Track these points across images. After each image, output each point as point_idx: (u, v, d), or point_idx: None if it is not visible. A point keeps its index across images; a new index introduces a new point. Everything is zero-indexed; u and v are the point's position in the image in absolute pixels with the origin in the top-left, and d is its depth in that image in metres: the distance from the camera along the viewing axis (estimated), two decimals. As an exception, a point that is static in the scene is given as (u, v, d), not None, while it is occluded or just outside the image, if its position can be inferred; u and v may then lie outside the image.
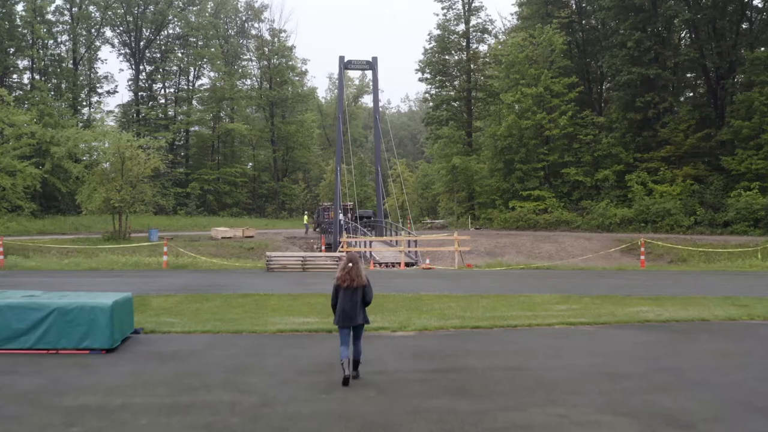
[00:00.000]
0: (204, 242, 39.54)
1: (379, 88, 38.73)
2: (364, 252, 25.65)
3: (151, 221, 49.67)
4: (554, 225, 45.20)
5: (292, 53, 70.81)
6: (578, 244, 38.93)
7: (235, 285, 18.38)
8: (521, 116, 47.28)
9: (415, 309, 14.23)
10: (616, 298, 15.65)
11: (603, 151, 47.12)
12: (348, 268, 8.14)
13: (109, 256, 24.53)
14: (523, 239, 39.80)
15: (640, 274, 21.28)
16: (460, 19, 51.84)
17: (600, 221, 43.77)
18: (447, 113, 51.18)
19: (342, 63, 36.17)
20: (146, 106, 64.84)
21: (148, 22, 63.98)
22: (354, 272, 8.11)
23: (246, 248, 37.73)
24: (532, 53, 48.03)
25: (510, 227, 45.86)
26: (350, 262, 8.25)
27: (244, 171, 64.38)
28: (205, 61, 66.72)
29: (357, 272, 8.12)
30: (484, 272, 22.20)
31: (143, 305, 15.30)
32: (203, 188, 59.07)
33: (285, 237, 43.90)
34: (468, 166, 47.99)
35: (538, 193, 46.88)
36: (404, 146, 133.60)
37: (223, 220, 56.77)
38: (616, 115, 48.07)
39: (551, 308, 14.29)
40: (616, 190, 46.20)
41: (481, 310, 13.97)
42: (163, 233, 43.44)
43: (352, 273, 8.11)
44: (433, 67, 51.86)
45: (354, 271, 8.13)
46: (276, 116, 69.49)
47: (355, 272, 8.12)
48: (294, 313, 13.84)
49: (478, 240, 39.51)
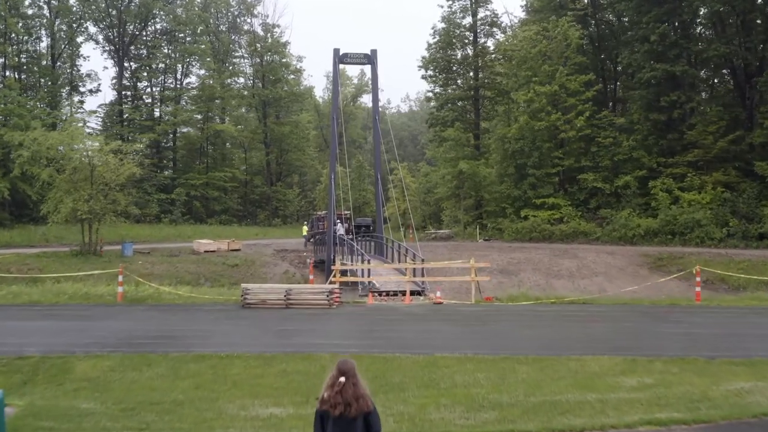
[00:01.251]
0: (184, 257, 35.57)
1: (378, 86, 34.58)
2: (362, 283, 21.60)
3: (131, 231, 45.64)
4: (571, 237, 41.24)
5: (286, 50, 66.71)
6: (601, 260, 35.00)
7: (195, 334, 14.41)
8: (534, 117, 43.33)
9: (431, 386, 10.29)
10: (697, 363, 11.63)
11: (623, 155, 43.12)
12: (340, 386, 4.89)
13: (56, 285, 20.53)
14: (540, 254, 35.83)
15: (702, 314, 17.29)
16: (467, 11, 47.77)
17: (622, 233, 39.78)
18: (452, 113, 46.98)
19: (337, 56, 31.93)
20: (130, 105, 60.72)
21: (132, 16, 59.76)
22: (349, 393, 4.88)
23: (230, 265, 33.72)
24: (545, 48, 44.07)
25: (522, 239, 41.89)
26: (343, 375, 4.96)
27: (234, 175, 60.09)
28: (194, 59, 62.59)
29: (355, 392, 4.90)
30: (508, 309, 18.20)
31: (63, 373, 11.44)
32: (189, 194, 54.94)
33: (275, 250, 39.95)
34: (476, 171, 44.01)
35: (552, 201, 42.91)
36: (405, 147, 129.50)
37: (210, 228, 52.81)
38: (638, 115, 44.04)
39: (617, 384, 10.32)
40: (638, 198, 42.21)
41: (521, 388, 10.00)
42: (141, 245, 39.45)
43: (347, 394, 4.88)
44: (437, 64, 47.74)
45: (349, 390, 4.89)
46: (269, 116, 65.36)
47: (352, 393, 4.89)
48: (261, 395, 9.93)
49: (489, 254, 35.54)
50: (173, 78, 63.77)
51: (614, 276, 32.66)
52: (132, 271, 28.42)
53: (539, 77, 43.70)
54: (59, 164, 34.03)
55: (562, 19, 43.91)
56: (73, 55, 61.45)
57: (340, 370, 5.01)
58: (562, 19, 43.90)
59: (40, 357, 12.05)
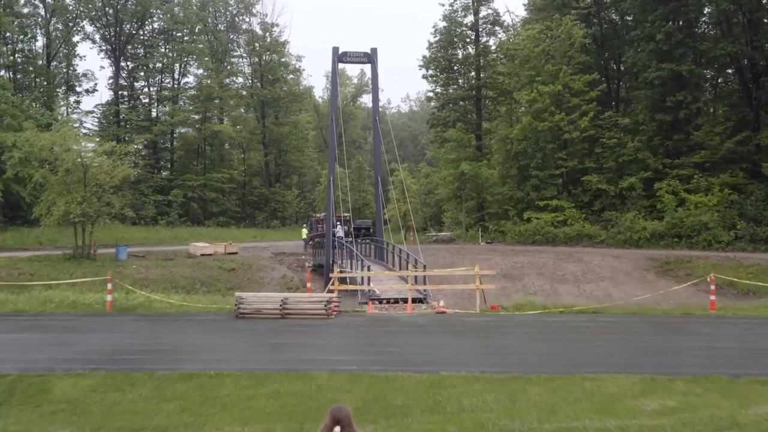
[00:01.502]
0: (180, 260, 34.78)
1: (379, 86, 33.74)
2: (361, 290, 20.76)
3: (126, 234, 44.90)
4: (575, 239, 40.46)
5: (285, 49, 65.89)
6: (606, 264, 34.21)
7: (184, 349, 13.58)
8: (537, 117, 42.53)
9: (436, 410, 9.48)
10: (721, 382, 10.81)
11: (628, 156, 42.32)
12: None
13: (43, 293, 19.71)
14: (543, 257, 35.03)
15: (718, 324, 16.48)
16: (469, 9, 46.94)
17: (627, 236, 38.99)
18: (454, 114, 46.12)
19: (336, 55, 31.06)
20: (127, 105, 59.88)
21: (129, 15, 58.89)
22: None
23: (226, 269, 32.92)
24: (549, 47, 43.27)
25: (525, 242, 41.11)
26: (337, 424, 4.39)
27: (232, 176, 59.16)
28: (192, 58, 61.73)
29: None
30: (515, 320, 17.38)
31: (41, 393, 10.66)
32: (187, 195, 54.07)
33: (273, 253, 39.16)
34: (478, 173, 43.20)
35: (556, 203, 42.10)
36: (405, 147, 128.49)
37: (208, 231, 51.98)
38: (643, 115, 43.22)
39: (637, 408, 9.51)
40: (643, 200, 41.44)
41: (534, 413, 9.19)
42: (137, 248, 38.68)
43: None
44: (438, 64, 46.90)
45: None
46: (268, 117, 64.49)
47: None
48: (251, 420, 9.14)
49: (492, 258, 34.80)
50: (171, 78, 62.97)
51: (620, 281, 31.87)
52: (125, 276, 27.67)
53: (542, 77, 42.91)
54: (52, 165, 33.26)
55: (566, 18, 43.11)
56: (70, 54, 60.62)
57: (334, 418, 4.36)
58: (565, 18, 43.09)
59: (18, 375, 11.24)
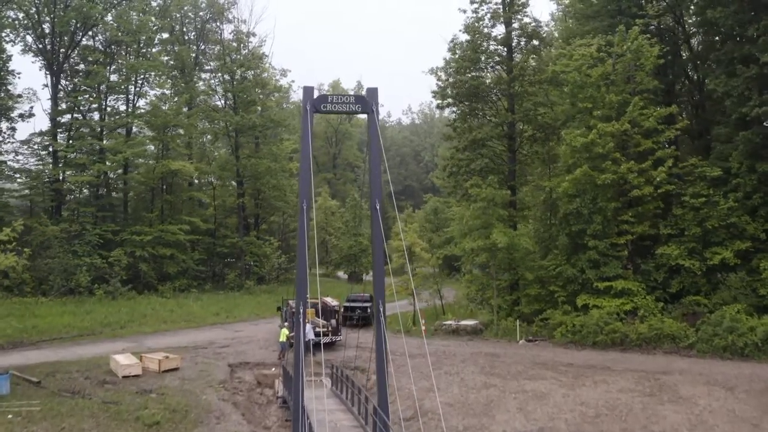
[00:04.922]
0: (92, 388, 23.11)
1: (379, 136, 21.71)
2: None
3: (43, 321, 33.44)
4: (652, 341, 29.07)
5: (264, 63, 54.24)
6: (719, 407, 22.70)
7: None
8: (594, 166, 31.14)
9: None
10: None
11: (717, 220, 30.90)
12: None
13: None
14: (620, 384, 23.52)
15: None
16: (499, 18, 35.10)
17: (728, 340, 27.55)
18: (482, 160, 33.87)
19: (309, 101, 18.69)
20: (66, 134, 48.20)
21: (66, 22, 46.77)
22: None
23: (146, 423, 21.15)
24: (609, 71, 31.88)
25: (582, 342, 29.71)
26: None
27: (196, 226, 47.13)
28: (149, 76, 49.95)
29: None
30: None
31: None
32: (134, 254, 42.28)
33: (230, 365, 27.72)
34: (514, 243, 31.69)
35: (622, 286, 30.62)
36: (406, 165, 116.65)
37: (160, 303, 40.47)
38: (737, 164, 31.74)
39: None
40: (740, 282, 30.05)
41: None
42: (39, 358, 26.89)
43: None
44: (460, 89, 34.97)
45: None
46: (242, 148, 52.78)
47: None
48: None
49: (543, 379, 23.17)
50: (125, 100, 50.98)
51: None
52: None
53: (601, 110, 31.53)
54: None
55: (634, 30, 31.64)
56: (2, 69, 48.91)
57: None
58: (633, 30, 31.63)
59: None
